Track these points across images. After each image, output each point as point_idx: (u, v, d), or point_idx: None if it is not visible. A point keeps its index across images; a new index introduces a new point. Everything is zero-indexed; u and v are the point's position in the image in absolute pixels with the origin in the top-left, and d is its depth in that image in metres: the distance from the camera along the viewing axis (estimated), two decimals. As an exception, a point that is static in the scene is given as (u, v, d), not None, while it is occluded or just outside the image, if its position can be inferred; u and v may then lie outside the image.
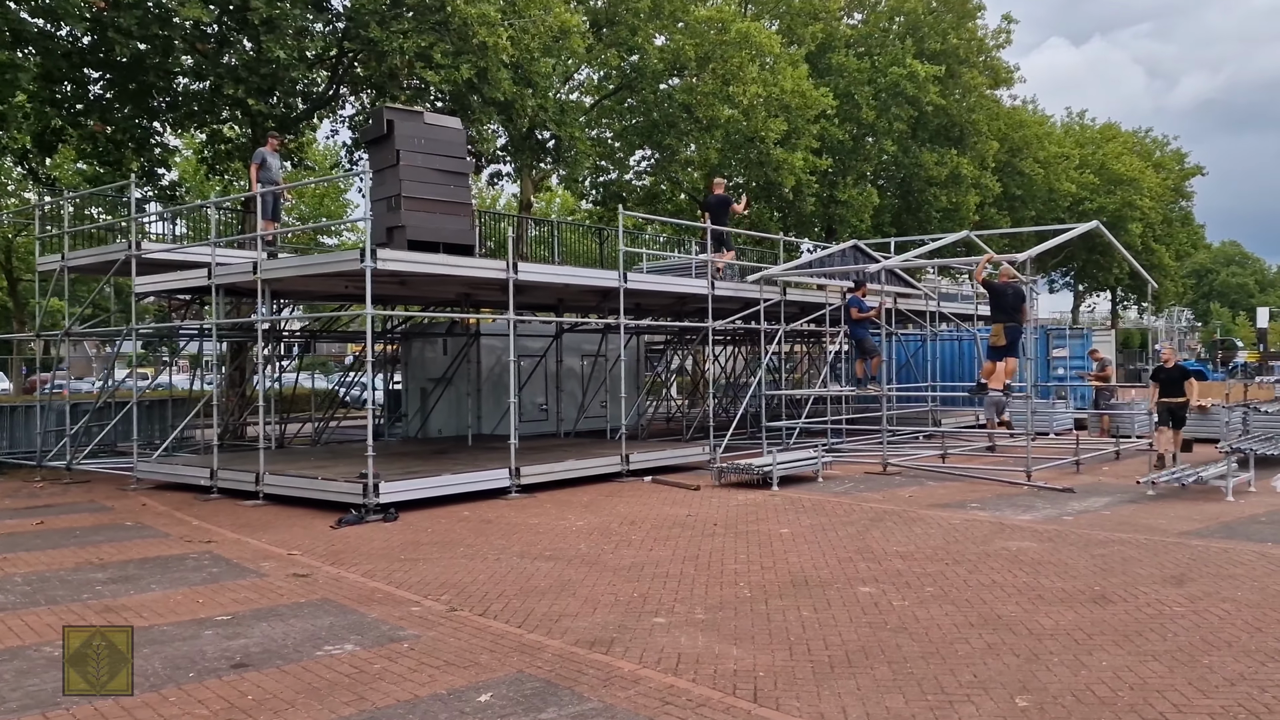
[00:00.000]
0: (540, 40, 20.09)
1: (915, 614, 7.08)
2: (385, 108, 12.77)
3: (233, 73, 18.47)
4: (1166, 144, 61.28)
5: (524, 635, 6.68)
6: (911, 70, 33.09)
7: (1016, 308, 13.77)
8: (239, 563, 9.18)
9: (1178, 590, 7.70)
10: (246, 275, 12.84)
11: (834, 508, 12.03)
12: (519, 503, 12.61)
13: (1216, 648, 6.21)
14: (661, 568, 8.70)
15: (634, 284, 14.92)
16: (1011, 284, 14.06)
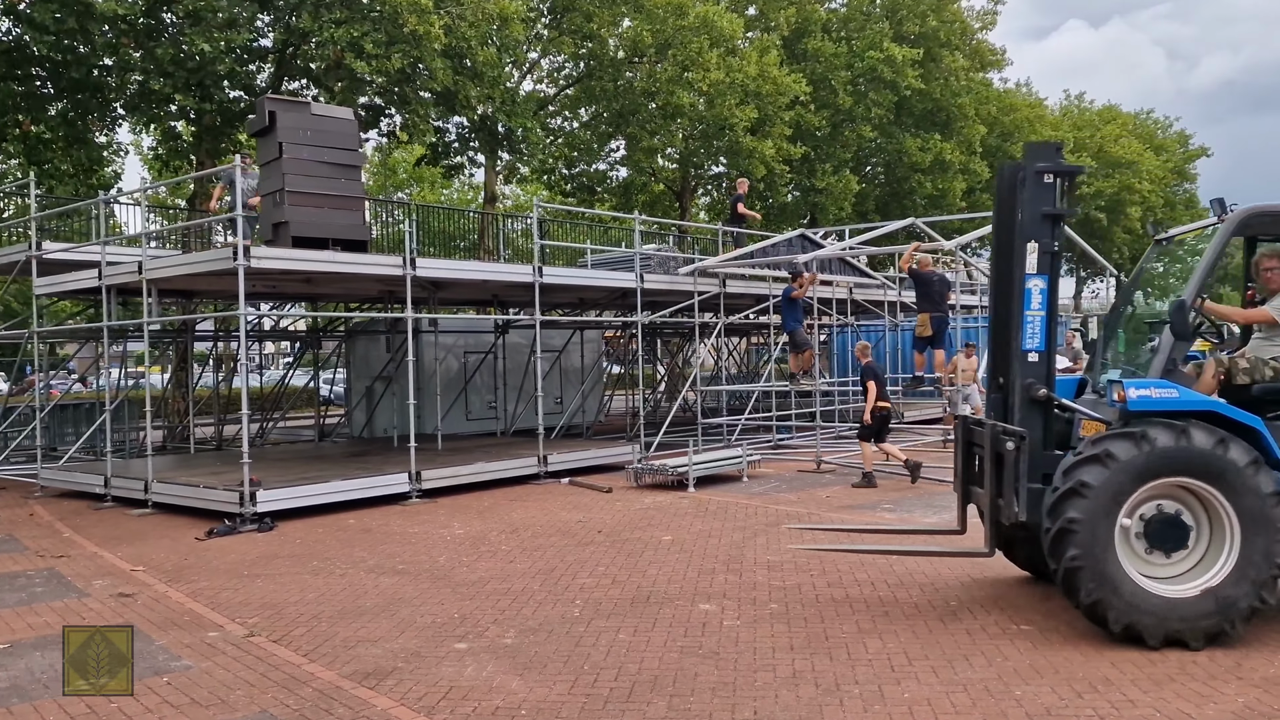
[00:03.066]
0: (478, 29, 19.51)
1: (739, 635, 6.53)
2: (267, 98, 12.26)
3: (158, 67, 17.99)
4: (1169, 125, 60.20)
5: (303, 665, 6.17)
6: (889, 54, 32.29)
7: (943, 296, 13.17)
8: (72, 581, 8.72)
9: (1041, 604, 7.10)
10: (133, 275, 12.38)
11: (737, 511, 11.47)
12: (414, 509, 12.11)
13: (1037, 675, 5.62)
14: (508, 583, 8.17)
15: (551, 279, 14.37)
16: (937, 272, 13.44)
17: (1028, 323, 6.57)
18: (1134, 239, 51.86)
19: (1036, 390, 6.49)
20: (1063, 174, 6.56)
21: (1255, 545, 5.91)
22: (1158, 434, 5.94)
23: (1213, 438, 5.93)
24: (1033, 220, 6.52)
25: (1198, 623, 5.92)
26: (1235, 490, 5.94)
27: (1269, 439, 6.12)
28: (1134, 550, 6.08)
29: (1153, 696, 5.30)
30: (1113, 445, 5.97)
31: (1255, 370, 6.68)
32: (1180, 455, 5.93)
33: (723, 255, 16.98)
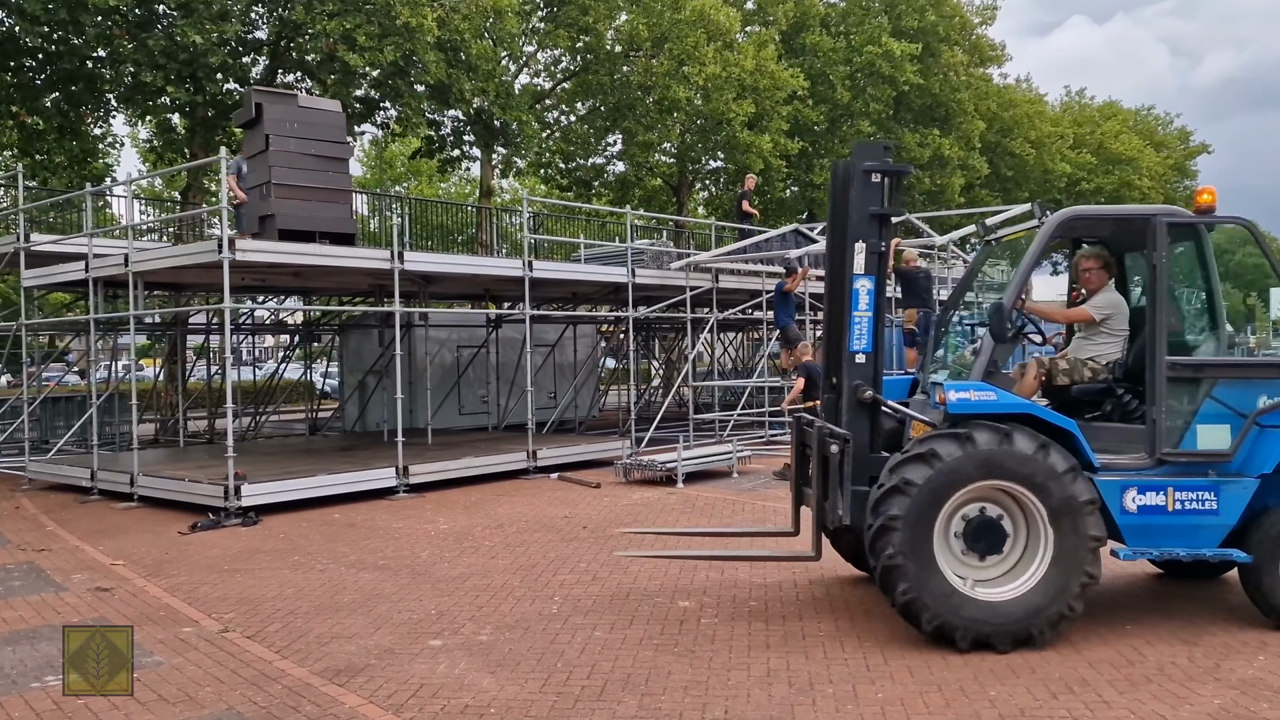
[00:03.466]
0: (472, 22, 19.42)
1: (716, 633, 6.47)
2: (253, 90, 12.20)
3: (150, 59, 17.91)
4: (1170, 122, 59.95)
5: (275, 662, 6.12)
6: (887, 49, 32.16)
7: (929, 291, 13.11)
8: (50, 575, 8.67)
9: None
10: (119, 268, 12.32)
11: (724, 507, 11.41)
12: (401, 504, 12.05)
13: (1013, 675, 5.56)
14: (488, 579, 8.12)
15: (541, 273, 14.30)
16: (922, 268, 13.37)
17: (855, 324, 6.44)
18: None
19: (863, 392, 6.39)
20: (890, 174, 6.42)
21: (1067, 552, 5.87)
22: (982, 436, 5.88)
23: (1034, 443, 5.87)
24: (861, 220, 6.40)
25: (1007, 627, 5.88)
26: (1051, 496, 5.88)
27: (1083, 442, 6.08)
28: (952, 551, 6.03)
29: (1128, 698, 5.24)
30: (938, 445, 5.92)
31: (1074, 371, 6.71)
32: (1002, 459, 5.87)
33: (715, 250, 16.90)
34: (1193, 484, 6.16)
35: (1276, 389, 6.26)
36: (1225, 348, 6.81)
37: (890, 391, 6.95)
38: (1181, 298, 6.92)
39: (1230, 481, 6.17)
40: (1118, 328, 6.82)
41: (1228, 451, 6.17)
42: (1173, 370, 6.19)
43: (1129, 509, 6.13)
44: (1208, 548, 6.17)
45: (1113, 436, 6.45)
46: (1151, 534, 6.17)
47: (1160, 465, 6.19)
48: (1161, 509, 6.13)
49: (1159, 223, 6.28)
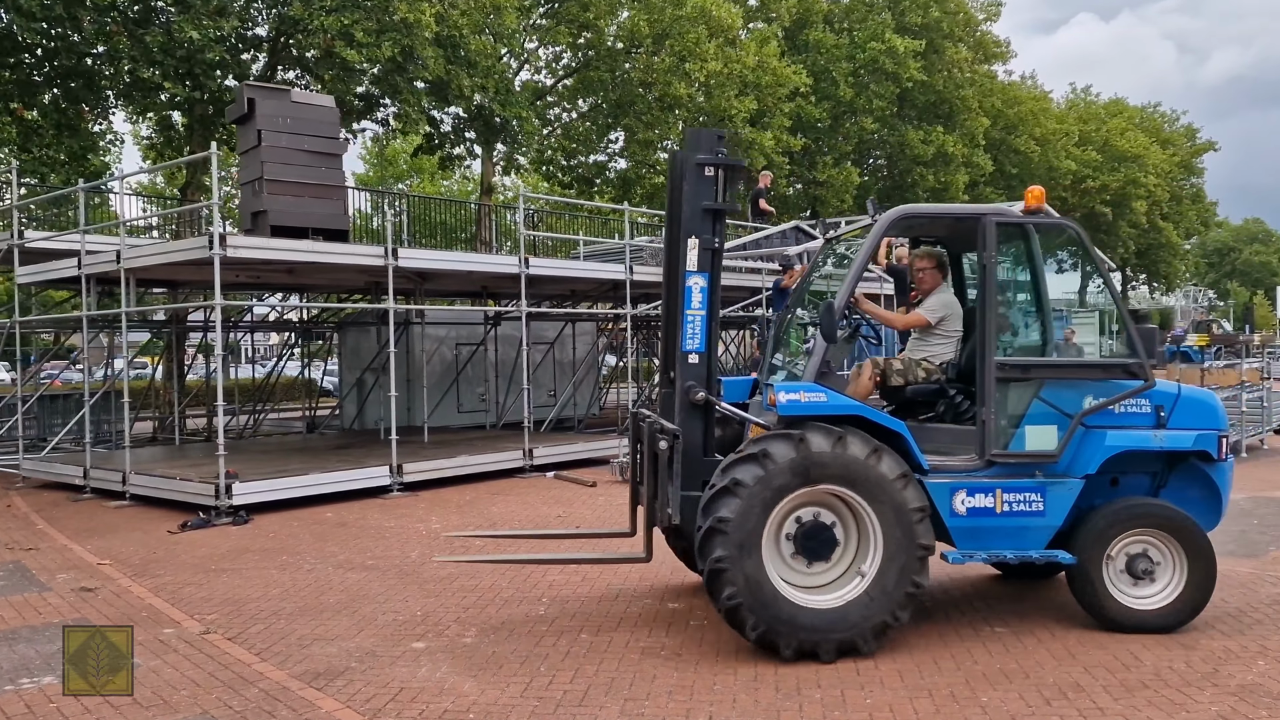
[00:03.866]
0: (471, 18, 19.30)
1: (704, 635, 6.35)
2: (246, 85, 12.08)
3: (147, 55, 17.81)
4: (1176, 119, 59.69)
5: (253, 665, 6.01)
6: (891, 45, 32.02)
7: None
8: (35, 574, 8.57)
9: (1015, 605, 6.91)
10: (111, 265, 12.23)
11: (720, 507, 11.27)
12: (394, 503, 11.95)
13: (1006, 680, 5.43)
14: (476, 579, 8.00)
15: (537, 270, 14.17)
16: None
17: (688, 322, 6.20)
18: (1140, 233, 51.50)
19: (695, 393, 6.16)
20: (724, 167, 6.21)
21: (895, 560, 5.72)
22: (816, 438, 5.70)
23: (866, 447, 5.72)
24: (693, 215, 6.18)
25: (830, 635, 5.70)
26: (881, 502, 5.72)
27: (912, 444, 5.94)
28: (782, 556, 5.85)
29: (1123, 704, 5.11)
30: (771, 446, 5.71)
31: (909, 372, 6.63)
32: (834, 462, 5.69)
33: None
34: (1020, 485, 6.09)
35: (1102, 389, 6.23)
36: (1053, 348, 6.72)
37: (732, 392, 6.82)
38: (1013, 297, 6.85)
39: (1056, 482, 6.12)
40: (952, 329, 6.78)
41: (1054, 452, 6.10)
42: (1001, 371, 6.09)
43: (958, 511, 6.02)
44: (1035, 549, 6.12)
45: (945, 438, 6.36)
46: (980, 536, 6.08)
47: (990, 467, 6.10)
48: (990, 511, 6.04)
49: (988, 223, 6.18)
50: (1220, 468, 6.49)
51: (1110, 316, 21.02)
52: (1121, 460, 6.28)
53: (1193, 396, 6.50)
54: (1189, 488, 6.57)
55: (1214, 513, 6.61)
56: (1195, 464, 6.49)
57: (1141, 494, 6.52)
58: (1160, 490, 6.57)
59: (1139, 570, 6.17)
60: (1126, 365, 6.26)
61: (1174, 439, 6.28)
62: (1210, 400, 6.58)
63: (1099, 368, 6.54)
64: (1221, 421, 6.50)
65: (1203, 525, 6.34)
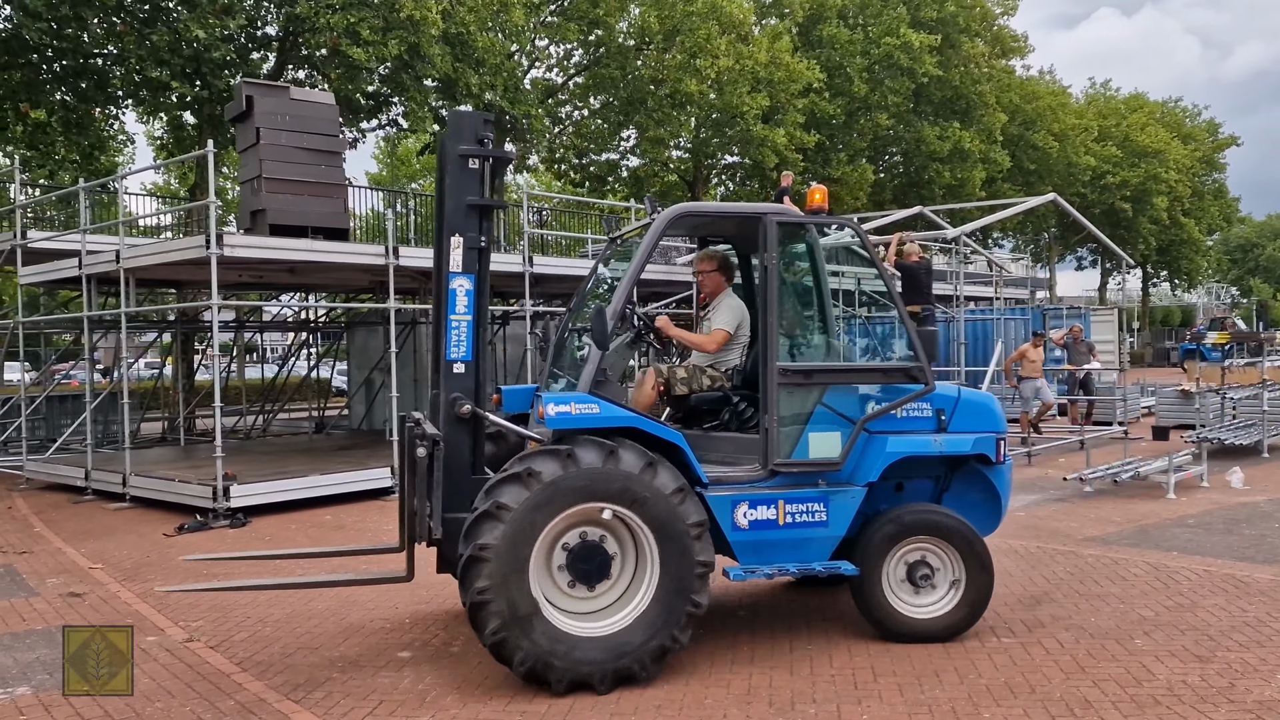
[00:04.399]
0: (478, 15, 19.14)
1: (700, 644, 6.11)
2: (244, 82, 11.95)
3: (154, 54, 17.75)
4: (1198, 114, 58.96)
5: (234, 674, 5.84)
6: (906, 40, 31.66)
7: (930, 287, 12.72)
8: (25, 578, 8.44)
9: (1026, 614, 6.67)
10: (111, 265, 12.12)
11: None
12: (395, 505, 11.71)
13: (1011, 695, 5.19)
14: (470, 585, 7.80)
15: (541, 268, 14.00)
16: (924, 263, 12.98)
17: (452, 329, 5.74)
18: (1160, 230, 50.88)
19: (461, 406, 5.68)
20: (490, 159, 5.78)
21: (673, 580, 5.37)
22: (586, 454, 5.28)
23: (641, 460, 5.33)
24: (457, 210, 5.68)
25: (607, 664, 5.32)
26: (658, 519, 5.35)
27: (690, 457, 5.59)
28: (555, 582, 5.44)
29: (1133, 721, 4.86)
30: (538, 464, 5.25)
31: (693, 379, 6.32)
32: (605, 479, 5.28)
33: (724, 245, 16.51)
34: (803, 495, 5.82)
35: (885, 394, 6.05)
36: (837, 352, 6.53)
37: (514, 401, 6.44)
38: (794, 299, 6.49)
39: (839, 491, 5.89)
40: (740, 334, 6.50)
41: (837, 460, 5.86)
42: (784, 377, 5.80)
43: (740, 524, 5.70)
44: (818, 561, 5.89)
45: (730, 447, 6.06)
46: (763, 550, 5.79)
47: (773, 476, 5.81)
48: (773, 523, 5.75)
49: (769, 222, 5.85)
50: (999, 470, 6.39)
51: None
52: (905, 465, 6.10)
53: (972, 399, 6.35)
54: (970, 491, 6.46)
55: (994, 515, 6.54)
56: (976, 467, 6.37)
57: (925, 499, 6.36)
58: (943, 494, 6.43)
59: (918, 578, 6.02)
60: (907, 369, 6.08)
61: (953, 443, 6.14)
62: (989, 403, 6.45)
63: (880, 372, 6.33)
64: (1000, 424, 6.36)
65: (984, 529, 6.31)
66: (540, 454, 5.34)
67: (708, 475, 5.68)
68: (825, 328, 6.45)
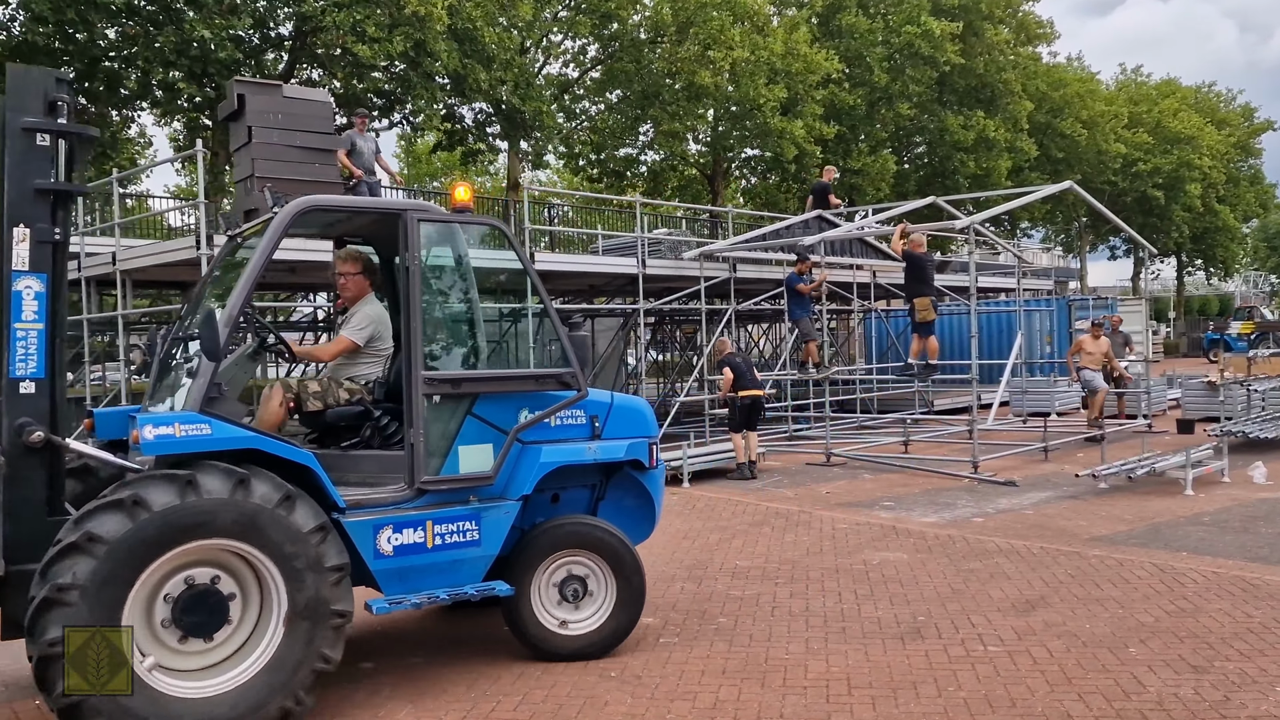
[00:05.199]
0: (484, 10, 18.97)
1: (671, 655, 5.90)
2: (235, 81, 11.80)
3: (160, 55, 17.75)
4: (1233, 99, 57.75)
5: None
6: (926, 28, 31.14)
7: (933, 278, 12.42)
8: None
9: (1018, 620, 6.37)
10: (108, 267, 12.07)
11: (725, 508, 10.81)
12: (392, 506, 11.62)
13: (989, 710, 4.92)
14: (450, 590, 7.61)
15: (543, 265, 13.78)
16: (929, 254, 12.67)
17: (17, 340, 4.70)
18: (1194, 217, 49.90)
19: (31, 433, 4.70)
20: (65, 136, 4.84)
21: (302, 631, 4.73)
22: (210, 481, 4.56)
23: (276, 492, 4.69)
24: (23, 196, 4.72)
25: None
26: (290, 561, 4.70)
27: (324, 479, 4.99)
28: (156, 632, 4.64)
29: (1116, 738, 4.57)
30: (147, 491, 4.46)
31: (328, 394, 5.78)
32: (228, 511, 4.56)
33: (731, 239, 16.26)
34: (453, 514, 5.38)
35: (538, 401, 5.69)
36: (486, 359, 6.09)
37: (110, 427, 5.58)
38: (440, 303, 5.95)
39: (493, 506, 5.49)
40: (382, 344, 6.06)
41: (489, 474, 5.48)
42: (429, 387, 5.33)
43: (384, 551, 5.14)
44: (470, 584, 5.46)
45: (373, 466, 5.55)
46: (410, 577, 5.28)
47: (421, 496, 5.34)
48: (421, 546, 5.26)
49: (410, 219, 5.38)
50: (652, 475, 6.22)
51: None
52: (560, 475, 5.80)
53: (625, 405, 6.13)
54: (625, 498, 6.26)
55: (648, 521, 6.38)
56: (630, 474, 6.16)
57: (581, 509, 6.12)
58: (599, 503, 6.18)
59: (570, 593, 5.76)
60: (560, 376, 5.74)
61: (607, 449, 5.90)
62: (641, 407, 6.24)
63: (532, 379, 5.89)
64: (652, 428, 6.17)
65: (638, 536, 6.17)
66: (155, 479, 4.54)
67: (346, 499, 5.10)
68: (474, 333, 5.94)
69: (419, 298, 5.40)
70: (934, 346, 12.94)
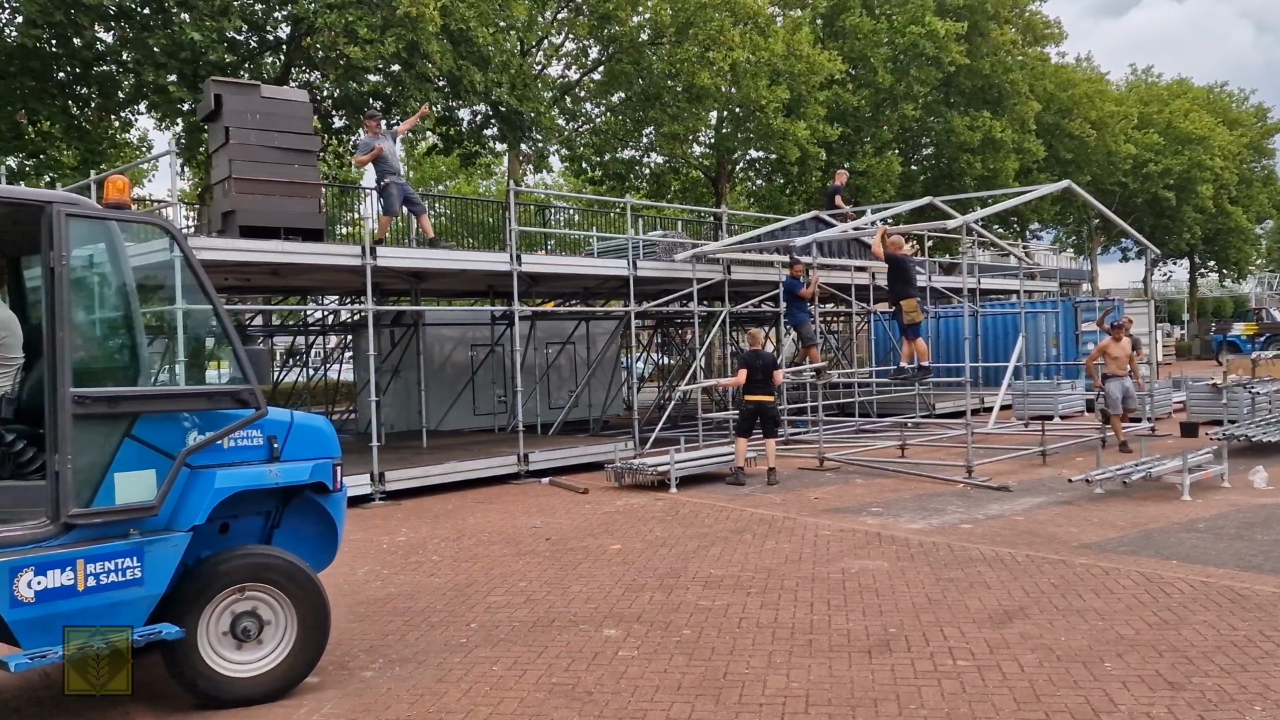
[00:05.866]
0: (478, 10, 18.78)
1: (628, 670, 5.67)
2: (213, 81, 11.66)
3: (151, 57, 17.60)
4: (1245, 99, 57.14)
5: (125, 702, 5.47)
6: (930, 28, 30.83)
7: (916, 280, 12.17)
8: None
9: (993, 632, 6.11)
10: (86, 270, 11.90)
11: (709, 514, 10.57)
12: (371, 512, 11.44)
13: (949, 731, 4.68)
14: (413, 600, 7.42)
15: (530, 267, 13.60)
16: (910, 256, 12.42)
17: None
18: (1206, 218, 49.35)
19: None
20: None
21: None
22: None
23: None
24: None
25: None
26: None
27: None
28: None
29: (1080, 761, 4.32)
30: None
31: None
32: None
33: (724, 240, 16.03)
34: (110, 550, 4.78)
35: (211, 421, 5.14)
36: (149, 375, 5.50)
37: None
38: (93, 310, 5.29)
39: (158, 540, 4.93)
40: (10, 355, 5.44)
41: (153, 503, 4.90)
42: (80, 406, 4.68)
43: (24, 598, 4.54)
44: (134, 628, 4.91)
45: (5, 499, 4.98)
46: (57, 626, 4.68)
47: (69, 531, 4.70)
48: (70, 590, 4.66)
49: (57, 214, 4.71)
50: (335, 499, 5.78)
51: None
52: (233, 502, 5.28)
53: (306, 424, 5.66)
54: (304, 524, 5.79)
55: (330, 548, 5.95)
56: (310, 497, 5.70)
57: (254, 539, 5.62)
58: (275, 531, 5.69)
59: (244, 632, 5.22)
60: (235, 393, 5.22)
61: (291, 472, 5.44)
62: (323, 426, 5.77)
63: (204, 397, 5.29)
64: (335, 448, 5.73)
65: (320, 563, 5.76)
66: None
67: None
68: (134, 345, 5.27)
69: (67, 303, 4.72)
70: (923, 348, 12.70)
